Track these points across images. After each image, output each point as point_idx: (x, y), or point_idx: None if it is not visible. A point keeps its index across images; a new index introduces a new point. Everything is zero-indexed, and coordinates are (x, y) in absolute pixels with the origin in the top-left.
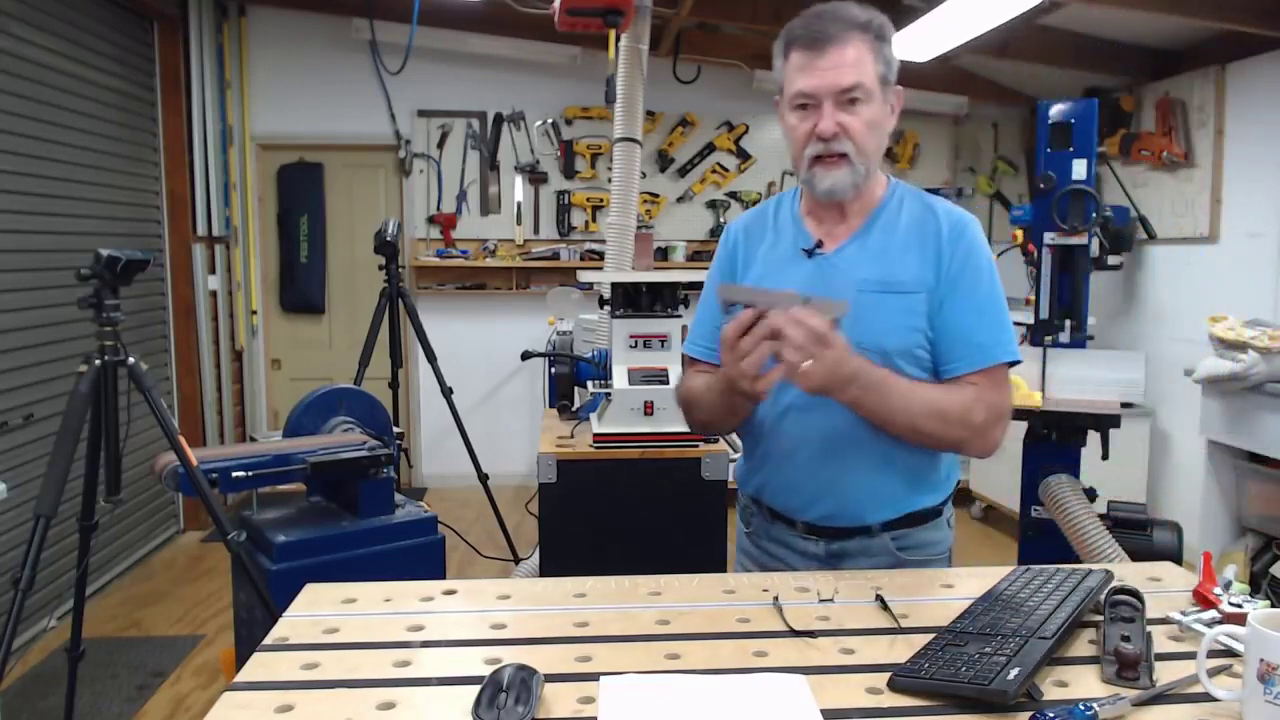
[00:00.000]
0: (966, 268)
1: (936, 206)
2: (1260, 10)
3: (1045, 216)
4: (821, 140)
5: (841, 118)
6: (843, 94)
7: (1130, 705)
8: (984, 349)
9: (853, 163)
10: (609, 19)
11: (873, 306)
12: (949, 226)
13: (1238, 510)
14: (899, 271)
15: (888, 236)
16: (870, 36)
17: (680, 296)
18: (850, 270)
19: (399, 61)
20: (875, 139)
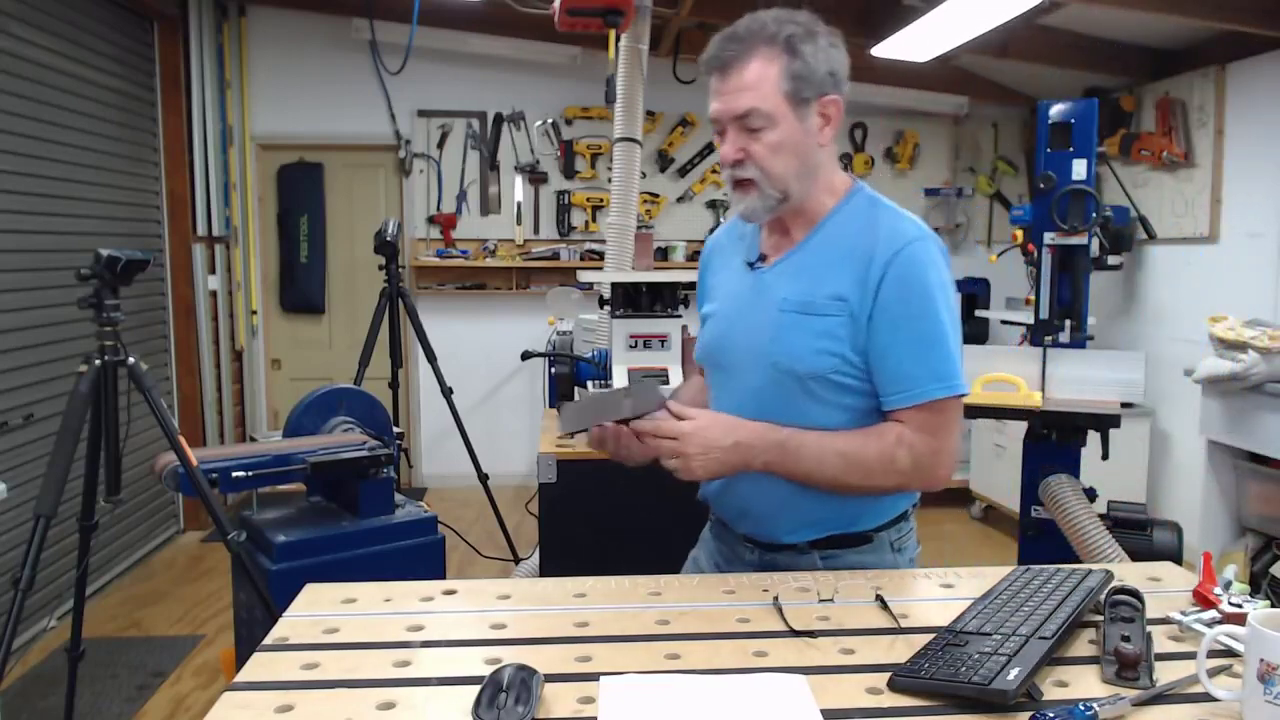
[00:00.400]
0: (905, 294)
1: (880, 223)
2: (1260, 10)
3: (1045, 216)
4: (727, 167)
5: (744, 143)
6: (740, 119)
7: (1130, 705)
8: (914, 384)
9: (760, 187)
10: (609, 19)
11: (789, 327)
12: (885, 247)
13: (1238, 510)
14: (821, 291)
15: (821, 253)
16: (778, 50)
17: (680, 296)
18: (776, 288)
19: (399, 61)
20: (786, 161)
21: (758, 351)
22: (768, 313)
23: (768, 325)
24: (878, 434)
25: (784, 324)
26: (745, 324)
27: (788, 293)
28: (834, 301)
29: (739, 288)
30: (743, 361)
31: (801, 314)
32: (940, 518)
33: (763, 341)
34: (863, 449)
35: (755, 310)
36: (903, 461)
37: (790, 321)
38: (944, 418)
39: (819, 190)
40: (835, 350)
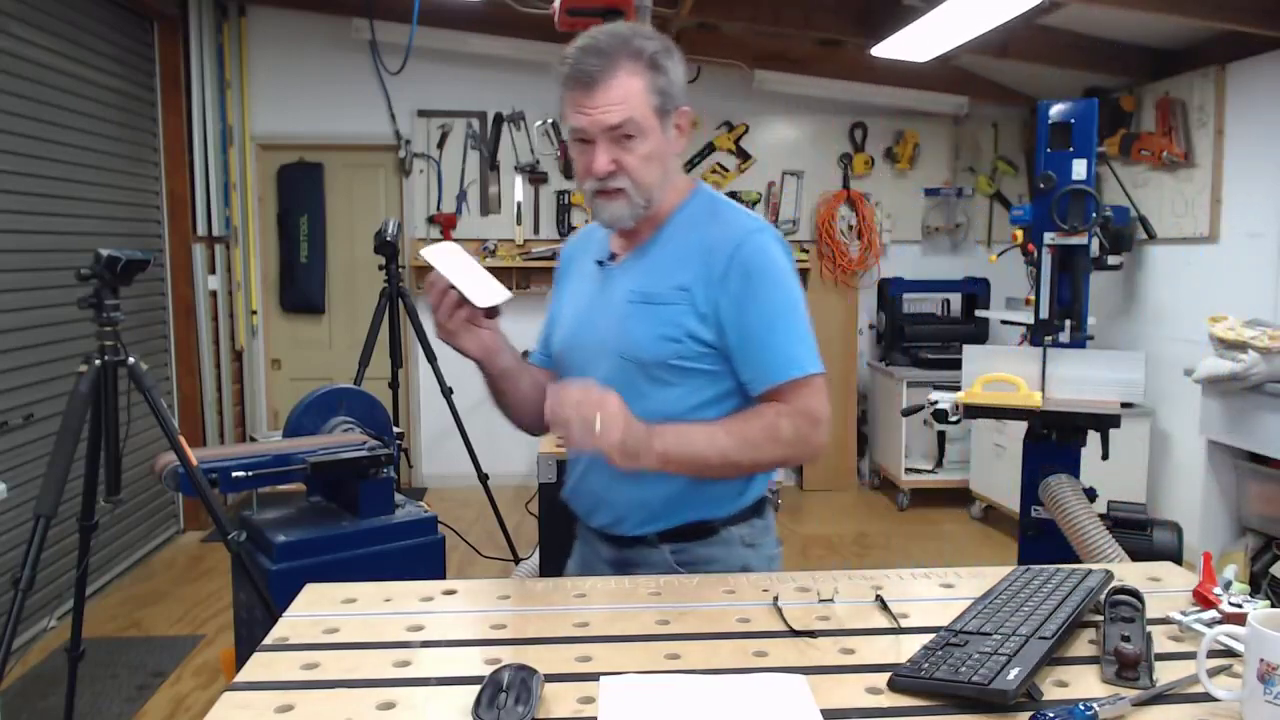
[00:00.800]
0: (749, 283)
1: (724, 218)
2: (1260, 10)
3: (1045, 216)
4: (597, 178)
5: (615, 154)
6: (612, 131)
7: (1130, 705)
8: (777, 365)
9: (629, 196)
10: (609, 19)
11: (633, 317)
12: (727, 240)
13: (1238, 510)
14: (665, 282)
15: (667, 250)
16: (642, 66)
17: None
18: (623, 282)
19: (399, 61)
20: (654, 170)
21: (605, 343)
22: (615, 305)
23: (614, 317)
24: (756, 412)
25: (629, 314)
26: (594, 319)
27: (634, 285)
28: (676, 291)
29: (588, 286)
30: (591, 355)
31: (645, 304)
32: (940, 518)
33: (609, 333)
34: (747, 425)
35: (603, 305)
36: (786, 431)
37: (635, 311)
38: (812, 389)
39: (667, 193)
40: (677, 336)
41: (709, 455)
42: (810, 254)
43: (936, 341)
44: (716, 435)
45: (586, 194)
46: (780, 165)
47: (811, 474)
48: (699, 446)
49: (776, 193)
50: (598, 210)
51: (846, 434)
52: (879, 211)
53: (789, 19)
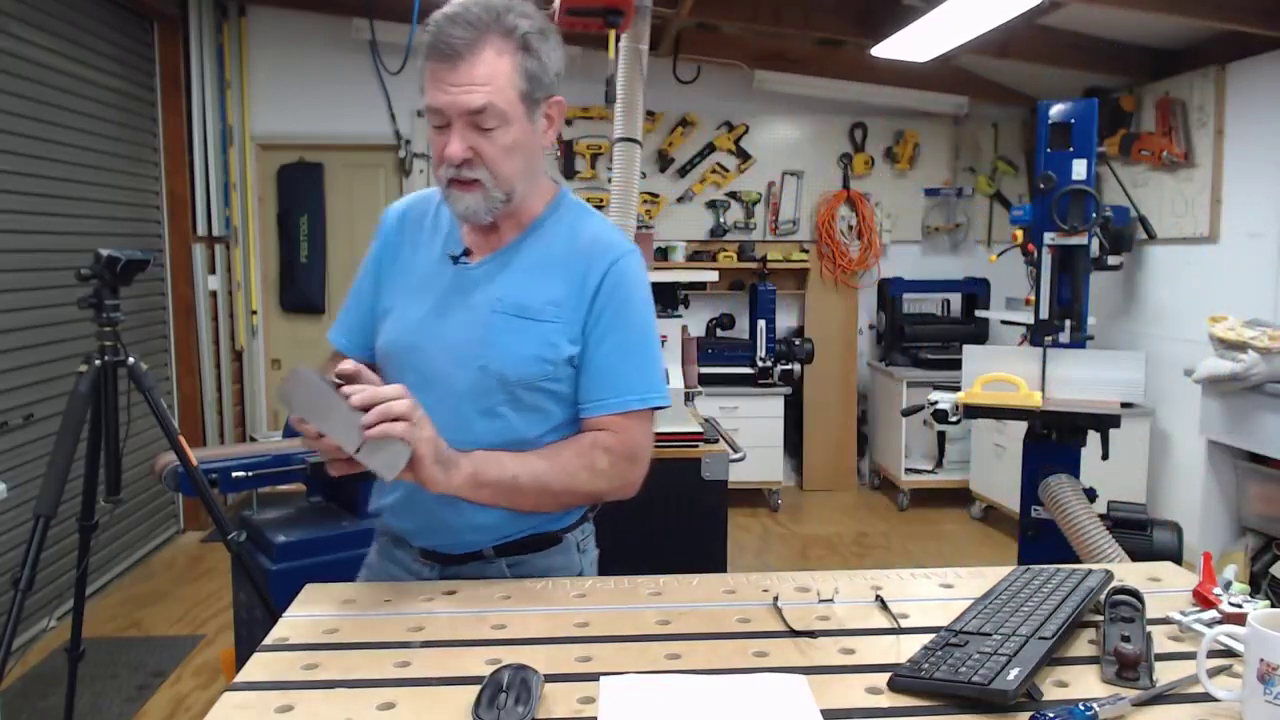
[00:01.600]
0: (612, 305)
1: (595, 233)
2: (1260, 10)
3: (1045, 216)
4: (453, 165)
5: (474, 141)
6: (472, 115)
7: (1130, 705)
8: (618, 393)
9: (486, 189)
10: (609, 19)
11: (502, 330)
12: (601, 258)
13: (1238, 510)
14: (537, 297)
15: (535, 257)
16: (514, 45)
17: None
18: (486, 287)
19: (399, 61)
20: (516, 163)
21: (464, 353)
22: (477, 312)
23: (477, 326)
24: (574, 440)
25: (496, 325)
26: (447, 323)
27: (501, 294)
28: (550, 307)
29: (436, 282)
30: (442, 362)
31: (517, 317)
32: (940, 518)
33: (471, 343)
34: (562, 454)
35: (460, 308)
36: (601, 464)
37: (504, 324)
38: (642, 426)
39: (533, 192)
40: (550, 357)
41: (523, 482)
42: (810, 254)
43: (936, 341)
44: (531, 461)
45: (440, 181)
46: (780, 165)
47: (811, 474)
48: (511, 468)
49: (776, 193)
50: (450, 201)
51: (846, 434)
52: (879, 211)
53: (789, 19)
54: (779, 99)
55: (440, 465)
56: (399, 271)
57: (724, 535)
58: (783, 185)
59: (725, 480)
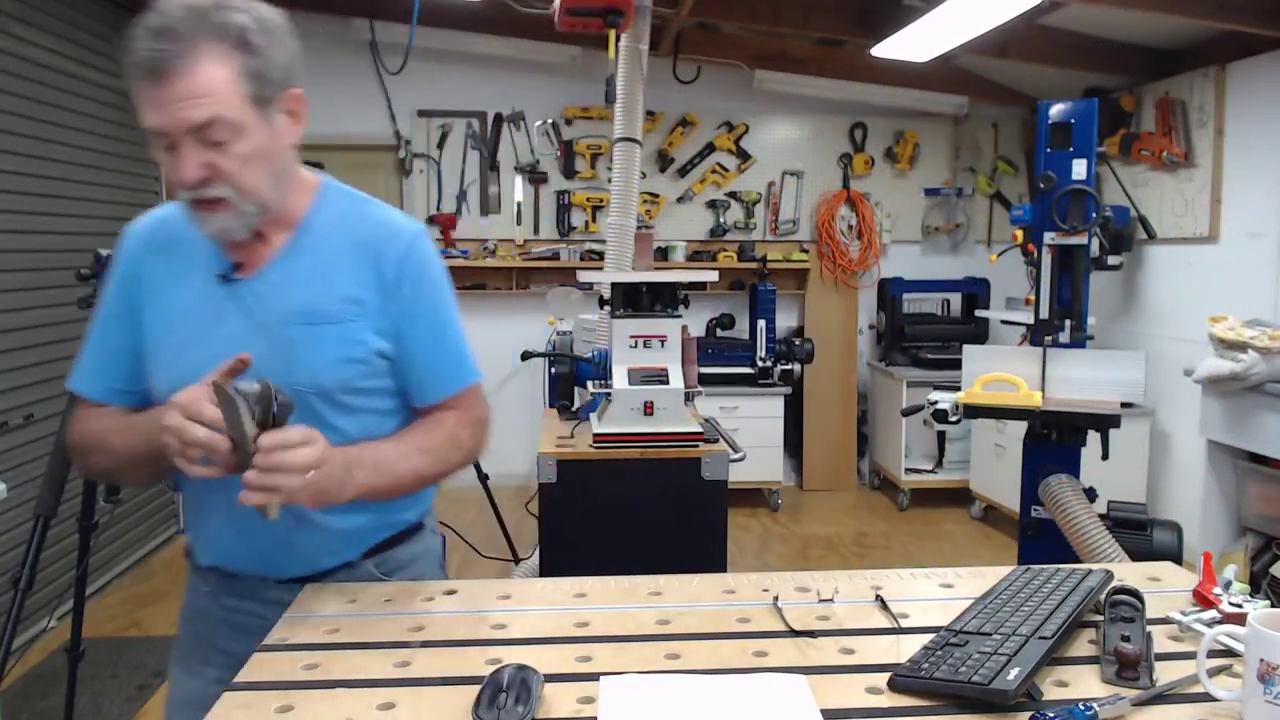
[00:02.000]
0: (422, 290)
1: (377, 218)
2: (1260, 10)
3: (1045, 216)
4: (188, 188)
5: (207, 157)
6: (198, 131)
7: (1130, 705)
8: (454, 375)
9: (235, 205)
10: (609, 19)
11: (302, 341)
12: (393, 244)
13: (1238, 510)
14: (330, 297)
15: (319, 255)
16: (229, 46)
17: (680, 296)
18: (270, 301)
19: (399, 61)
20: (259, 172)
21: (268, 375)
22: (269, 329)
23: (275, 343)
24: (437, 421)
25: (296, 338)
26: (237, 348)
27: (290, 302)
28: (349, 305)
29: (211, 306)
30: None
31: (313, 324)
32: (940, 518)
33: (269, 362)
34: (432, 438)
35: (250, 330)
36: (464, 438)
37: (303, 335)
38: (479, 394)
39: (292, 191)
40: (362, 356)
41: (404, 475)
42: (810, 254)
43: (936, 341)
44: (411, 455)
45: (183, 204)
46: (780, 165)
47: (811, 474)
48: (397, 469)
49: (776, 193)
50: (200, 224)
51: (846, 434)
52: (879, 211)
53: (789, 19)
54: (779, 99)
55: (330, 498)
56: (160, 302)
57: (724, 535)
58: (783, 185)
59: (725, 480)
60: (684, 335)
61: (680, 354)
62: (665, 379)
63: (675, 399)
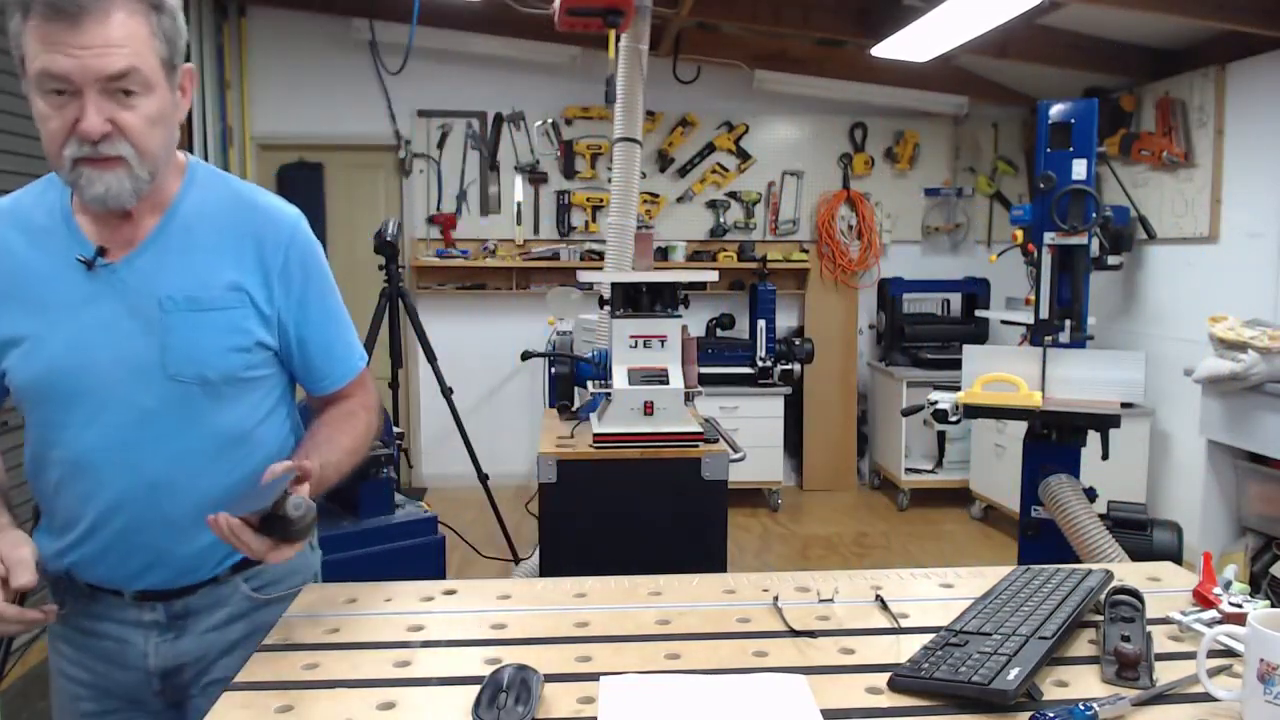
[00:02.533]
0: (310, 276)
1: (256, 200)
2: (1260, 10)
3: (1045, 216)
4: (88, 140)
5: (111, 112)
6: (111, 82)
7: (1130, 705)
8: (349, 361)
9: (131, 167)
10: (609, 19)
11: (181, 328)
12: (276, 230)
13: (1238, 510)
14: (210, 283)
15: (193, 238)
16: (145, 6)
17: (680, 296)
18: (145, 285)
19: (399, 61)
20: (160, 136)
21: (144, 365)
22: (144, 316)
23: (150, 331)
24: (347, 414)
25: (174, 326)
26: (113, 335)
27: (168, 288)
28: (232, 292)
29: (75, 292)
30: (121, 382)
31: (194, 311)
32: (940, 518)
33: (144, 350)
34: (353, 429)
35: (115, 316)
36: (372, 422)
37: (181, 321)
38: (368, 377)
39: (168, 169)
40: (245, 345)
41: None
42: (810, 254)
43: (936, 341)
44: (345, 455)
45: (62, 162)
46: (780, 165)
47: (811, 474)
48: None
49: (776, 193)
50: (85, 185)
51: (846, 434)
52: (879, 211)
53: (789, 19)
54: (779, 99)
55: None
56: (14, 289)
57: (724, 535)
58: (783, 185)
59: (725, 480)
60: (684, 335)
61: (680, 354)
62: (665, 379)
63: (675, 399)
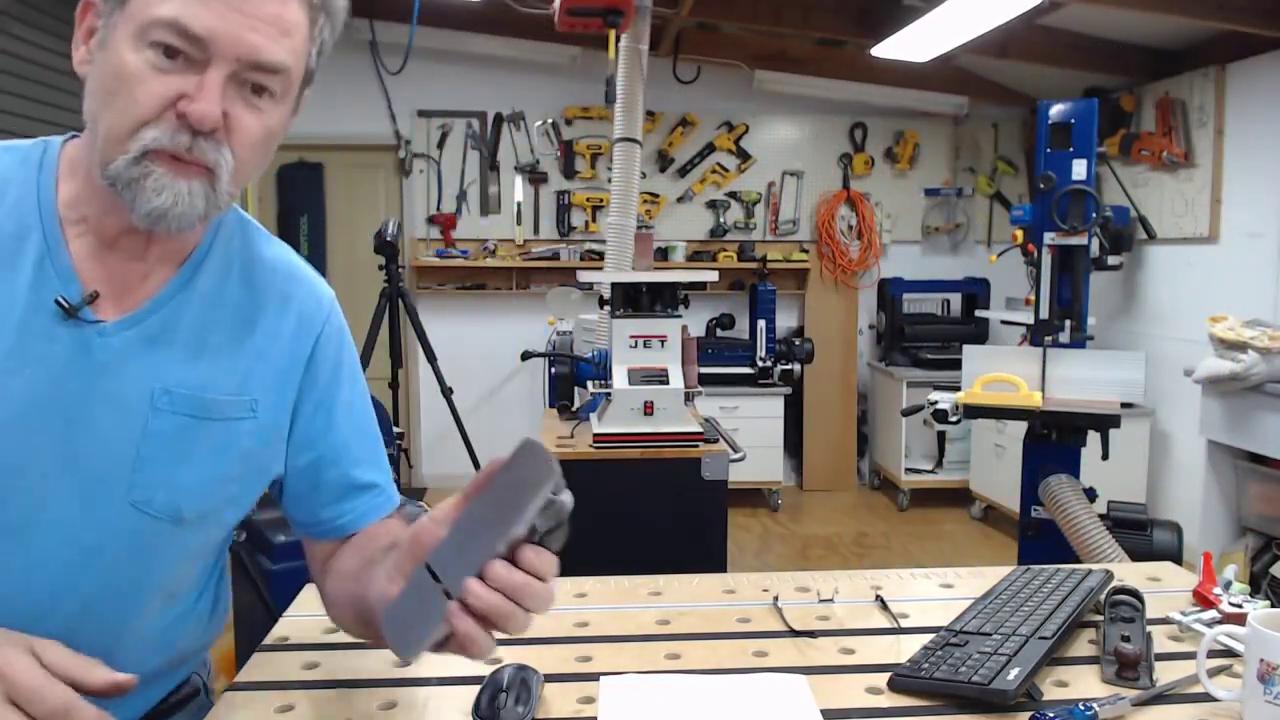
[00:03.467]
0: (338, 375)
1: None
2: (1260, 10)
3: (1045, 216)
4: (187, 129)
5: (235, 109)
6: (255, 72)
7: (1130, 705)
8: (385, 490)
9: (220, 183)
10: (609, 19)
11: (174, 440)
12: (310, 306)
13: (1238, 510)
14: (224, 381)
15: (216, 309)
16: (316, 3)
17: (680, 296)
18: (146, 366)
19: (399, 61)
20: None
21: (105, 480)
22: (124, 409)
23: (126, 435)
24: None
25: (163, 435)
26: (75, 428)
27: (168, 378)
28: (243, 402)
29: (35, 348)
30: (64, 497)
31: (194, 418)
32: (940, 518)
33: (115, 465)
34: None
35: (97, 403)
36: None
37: (176, 429)
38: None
39: None
40: (237, 474)
41: None
42: (810, 254)
43: (936, 341)
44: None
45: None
46: (780, 165)
47: (811, 474)
48: None
49: (776, 193)
50: (153, 189)
51: (846, 434)
52: (879, 211)
53: (789, 19)
54: (779, 99)
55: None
56: None
57: (724, 535)
58: (783, 185)
59: (725, 480)
60: (684, 335)
61: (680, 354)
62: (665, 379)
63: (675, 399)
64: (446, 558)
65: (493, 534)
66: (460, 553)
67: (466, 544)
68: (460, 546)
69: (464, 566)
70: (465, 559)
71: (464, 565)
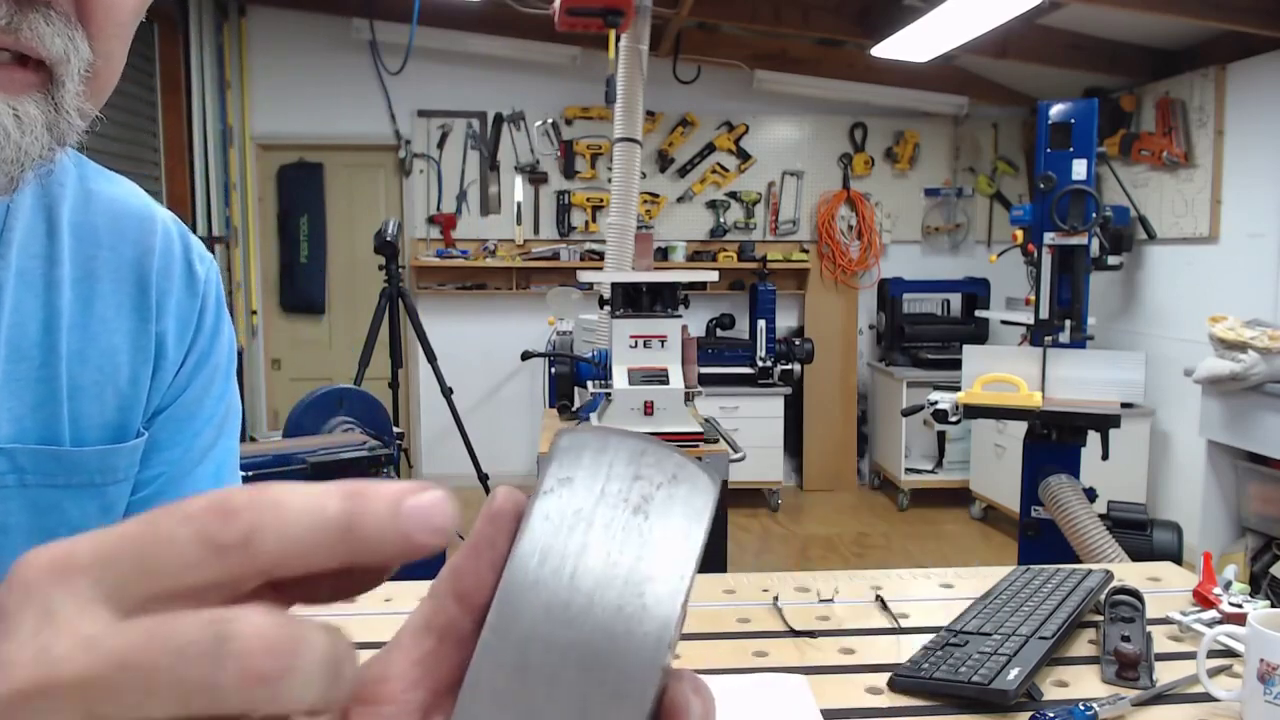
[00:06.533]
0: (214, 352)
1: (150, 208)
2: (1260, 10)
3: (1045, 216)
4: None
5: None
6: None
7: (1130, 705)
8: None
9: (63, 94)
10: (609, 19)
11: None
12: (169, 239)
13: (1238, 510)
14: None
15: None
16: None
17: (680, 296)
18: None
19: (399, 61)
20: (126, 38)
21: None
22: None
23: None
24: None
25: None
26: None
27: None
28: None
29: None
30: None
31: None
32: (940, 518)
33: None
34: None
35: None
36: None
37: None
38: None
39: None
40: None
41: None
42: (810, 254)
43: (936, 341)
44: None
45: None
46: (780, 165)
47: (811, 474)
48: None
49: (776, 193)
50: None
51: (846, 434)
52: (879, 211)
53: (789, 19)
54: (779, 99)
55: None
56: None
57: (724, 535)
58: (783, 185)
59: (725, 480)
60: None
61: (680, 354)
62: (665, 379)
63: (675, 399)
64: None
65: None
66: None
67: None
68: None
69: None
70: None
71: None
